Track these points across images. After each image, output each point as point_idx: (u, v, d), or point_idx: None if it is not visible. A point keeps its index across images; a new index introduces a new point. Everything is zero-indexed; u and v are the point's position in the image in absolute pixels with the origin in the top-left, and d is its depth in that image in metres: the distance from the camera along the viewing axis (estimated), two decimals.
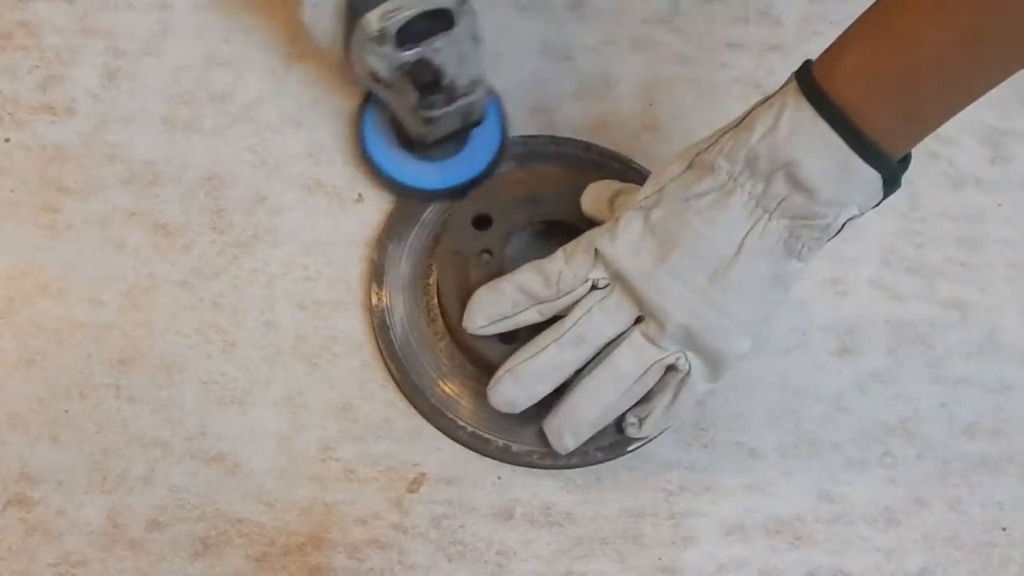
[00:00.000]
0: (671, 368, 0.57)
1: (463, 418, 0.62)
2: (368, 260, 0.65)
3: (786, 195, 0.51)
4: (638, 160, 0.68)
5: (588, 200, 0.62)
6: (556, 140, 0.69)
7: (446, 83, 0.60)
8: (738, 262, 0.53)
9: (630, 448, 0.61)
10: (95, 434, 0.61)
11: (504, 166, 0.67)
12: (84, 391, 0.61)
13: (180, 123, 0.68)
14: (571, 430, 0.58)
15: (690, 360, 0.56)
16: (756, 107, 0.53)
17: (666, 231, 0.54)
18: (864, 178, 0.51)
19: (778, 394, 0.65)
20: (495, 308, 0.59)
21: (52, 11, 0.70)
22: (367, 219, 0.66)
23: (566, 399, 0.58)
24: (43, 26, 0.69)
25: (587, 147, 0.69)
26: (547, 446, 0.60)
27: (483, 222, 0.63)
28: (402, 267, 0.65)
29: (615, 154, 0.69)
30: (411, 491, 0.61)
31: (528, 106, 0.70)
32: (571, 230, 0.61)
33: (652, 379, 0.57)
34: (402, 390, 0.63)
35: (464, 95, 0.61)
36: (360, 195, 0.67)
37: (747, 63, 0.73)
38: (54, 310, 0.63)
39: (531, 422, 0.60)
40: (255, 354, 0.63)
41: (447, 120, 0.62)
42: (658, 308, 0.55)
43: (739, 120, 0.53)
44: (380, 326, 0.63)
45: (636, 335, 0.56)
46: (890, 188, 0.52)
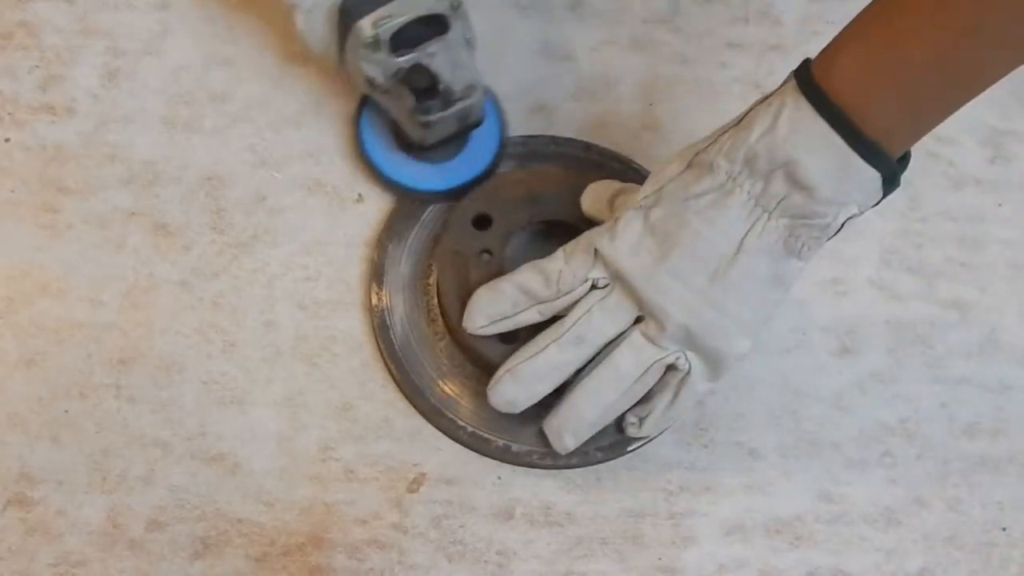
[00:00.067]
0: (671, 368, 0.57)
1: (463, 418, 0.62)
2: (368, 260, 0.65)
3: (785, 194, 0.51)
4: (638, 160, 0.68)
5: (588, 200, 0.62)
6: (556, 140, 0.69)
7: (442, 87, 0.61)
8: (738, 262, 0.53)
9: (630, 448, 0.61)
10: (95, 434, 0.61)
11: (504, 166, 0.67)
12: (84, 391, 0.61)
13: (180, 123, 0.68)
14: (571, 430, 0.58)
15: (690, 360, 0.56)
16: (755, 106, 0.53)
17: (666, 231, 0.54)
18: (863, 177, 0.51)
19: (778, 394, 0.65)
20: (495, 308, 0.59)
21: (52, 11, 0.70)
22: (367, 219, 0.66)
23: (566, 399, 0.58)
24: (43, 26, 0.69)
25: (587, 147, 0.69)
26: (547, 446, 0.60)
27: (483, 222, 0.63)
28: (402, 267, 0.65)
29: (615, 154, 0.68)
30: (411, 491, 0.61)
31: (528, 106, 0.70)
32: (571, 230, 0.61)
33: (652, 379, 0.57)
34: (402, 390, 0.63)
35: (461, 99, 0.62)
36: (360, 195, 0.67)
37: (747, 63, 0.73)
38: (54, 310, 0.63)
39: (531, 422, 0.60)
40: (255, 354, 0.63)
41: (444, 124, 0.62)
42: (658, 308, 0.55)
43: (738, 119, 0.53)
44: (380, 326, 0.63)
45: (636, 335, 0.56)
46: (889, 187, 0.52)
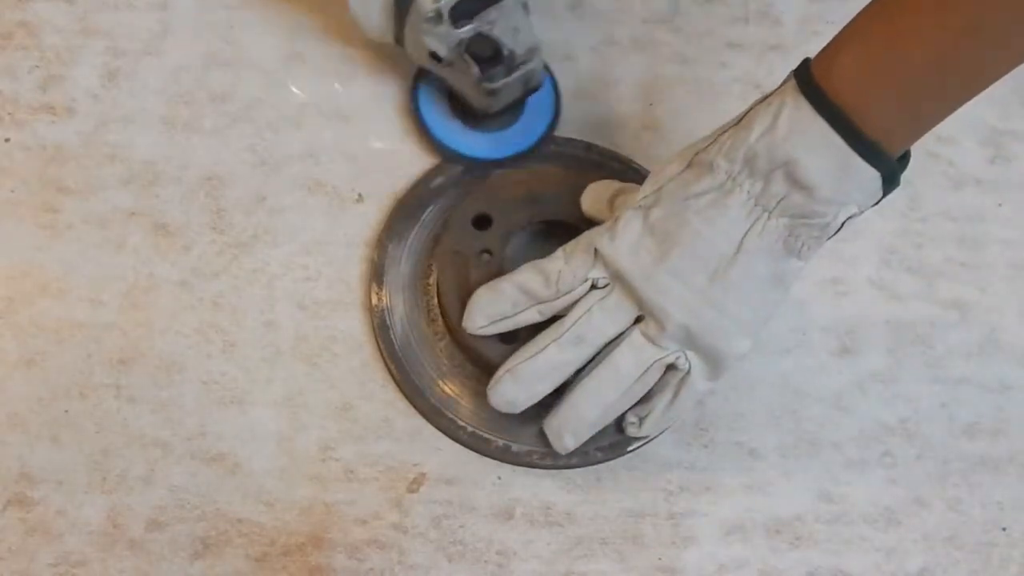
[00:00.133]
0: (671, 367, 0.57)
1: (463, 418, 0.62)
2: (368, 260, 0.65)
3: (785, 194, 0.51)
4: (638, 160, 0.68)
5: (588, 200, 0.62)
6: (556, 140, 0.69)
7: (505, 54, 0.62)
8: (738, 261, 0.53)
9: (630, 448, 0.61)
10: (95, 434, 0.60)
11: (504, 166, 0.67)
12: (84, 391, 0.61)
13: (180, 123, 0.68)
14: (571, 430, 0.58)
15: (690, 359, 0.56)
16: (755, 106, 0.53)
17: (665, 231, 0.54)
18: (863, 176, 0.51)
19: (778, 394, 0.65)
20: (495, 308, 0.59)
21: (52, 11, 0.70)
22: (367, 219, 0.66)
23: (566, 399, 0.58)
24: (43, 26, 0.69)
25: (587, 147, 0.69)
26: (547, 446, 0.60)
27: (483, 222, 0.63)
28: (402, 267, 0.65)
29: (615, 154, 0.69)
30: (411, 491, 0.61)
31: None
32: (571, 230, 0.61)
33: (652, 379, 0.57)
34: (402, 390, 0.63)
35: (523, 63, 0.63)
36: (360, 195, 0.67)
37: (747, 63, 0.73)
38: (54, 310, 0.63)
39: (531, 422, 0.60)
40: (255, 354, 0.63)
41: (509, 89, 0.64)
42: (658, 308, 0.55)
43: (738, 119, 0.53)
44: (380, 326, 0.63)
45: (636, 335, 0.56)
46: (889, 186, 0.52)
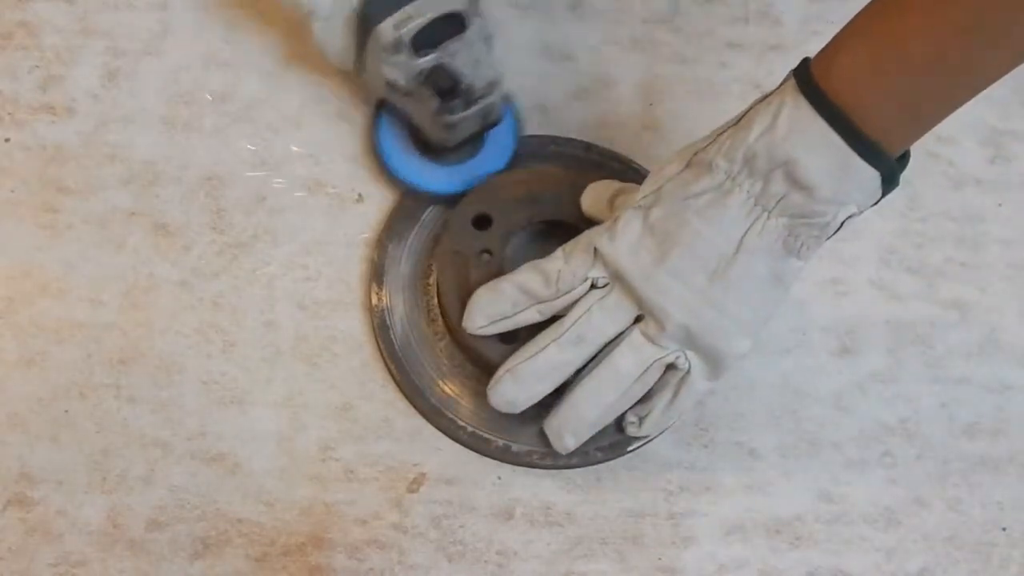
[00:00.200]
0: (671, 367, 0.57)
1: (463, 418, 0.62)
2: (368, 260, 0.65)
3: (785, 193, 0.51)
4: (638, 160, 0.68)
5: (588, 200, 0.62)
6: (556, 140, 0.69)
7: (464, 87, 0.61)
8: (737, 261, 0.53)
9: (630, 448, 0.61)
10: (95, 434, 0.60)
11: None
12: (84, 391, 0.61)
13: (180, 123, 0.68)
14: (571, 430, 0.58)
15: (690, 359, 0.56)
16: (754, 106, 0.53)
17: (665, 230, 0.54)
18: (863, 176, 0.50)
19: (778, 394, 0.65)
20: (495, 308, 0.59)
21: (52, 11, 0.70)
22: (367, 219, 0.66)
23: (566, 399, 0.58)
24: (43, 26, 0.69)
25: (587, 147, 0.69)
26: (547, 446, 0.60)
27: (483, 222, 0.63)
28: (402, 267, 0.65)
29: (615, 154, 0.68)
30: (411, 491, 0.61)
31: (528, 106, 0.70)
32: (571, 230, 0.60)
33: (652, 378, 0.57)
34: (402, 390, 0.62)
35: (482, 97, 0.61)
36: (360, 195, 0.67)
37: (747, 63, 0.73)
38: (54, 310, 0.63)
39: (531, 422, 0.60)
40: (255, 354, 0.63)
41: (467, 123, 0.62)
42: (658, 307, 0.55)
43: (737, 119, 0.53)
44: (380, 326, 0.63)
45: (636, 334, 0.56)
46: (889, 186, 0.52)
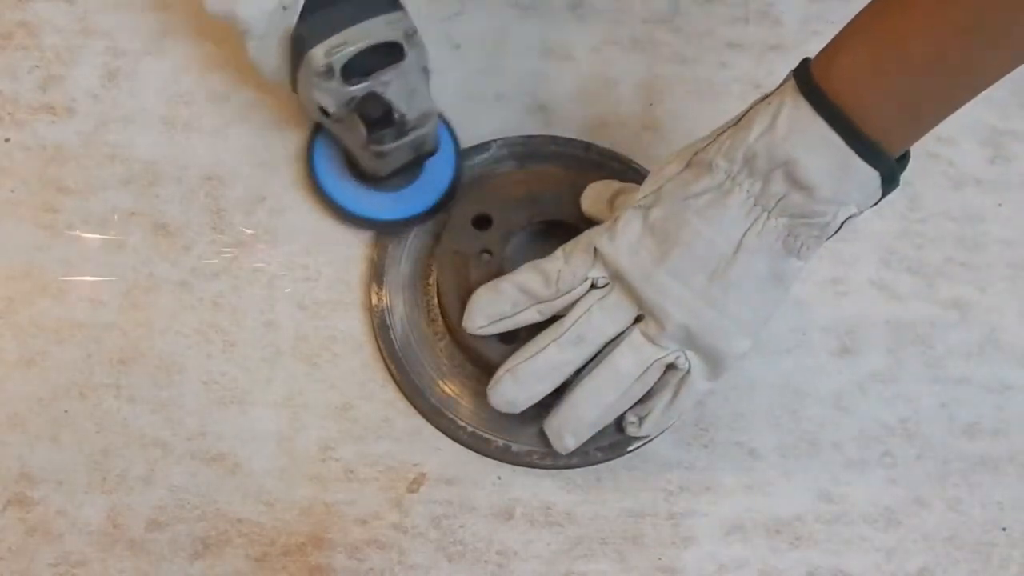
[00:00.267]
0: (671, 367, 0.57)
1: (463, 418, 0.62)
2: (368, 260, 0.65)
3: (785, 193, 0.51)
4: (638, 160, 0.68)
5: (588, 200, 0.62)
6: (556, 140, 0.69)
7: (396, 117, 0.59)
8: (737, 261, 0.53)
9: (630, 448, 0.61)
10: (95, 434, 0.60)
11: (504, 166, 0.67)
12: (84, 391, 0.61)
13: (180, 123, 0.68)
14: (571, 430, 0.58)
15: (690, 359, 0.56)
16: (754, 106, 0.53)
17: (665, 230, 0.54)
18: (863, 176, 0.50)
19: (778, 394, 0.65)
20: (495, 308, 0.59)
21: (52, 11, 0.70)
22: None
23: (566, 399, 0.58)
24: (43, 26, 0.69)
25: (587, 147, 0.69)
26: (547, 446, 0.60)
27: (483, 222, 0.63)
28: (402, 267, 0.65)
29: (615, 154, 0.68)
30: (411, 491, 0.61)
31: (528, 106, 0.70)
32: (571, 230, 0.61)
33: (652, 378, 0.57)
34: (402, 390, 0.62)
35: (415, 128, 0.59)
36: None
37: (747, 63, 0.73)
38: (54, 310, 0.63)
39: (531, 422, 0.60)
40: (255, 354, 0.63)
41: (398, 153, 0.60)
42: (657, 307, 0.55)
43: (737, 119, 0.53)
44: (380, 326, 0.63)
45: (636, 334, 0.56)
46: (889, 186, 0.52)
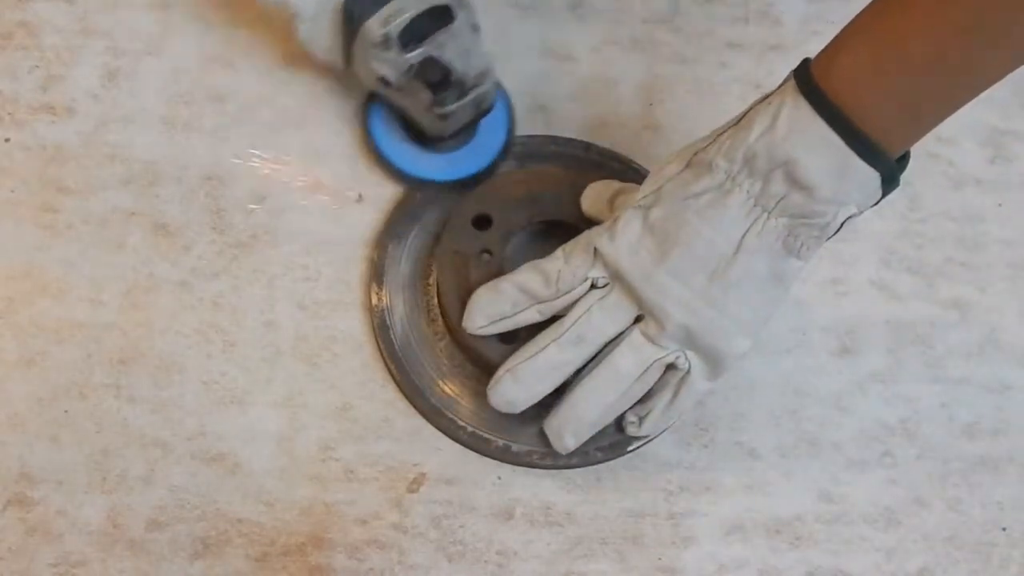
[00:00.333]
0: (671, 367, 0.57)
1: (463, 418, 0.62)
2: (368, 260, 0.65)
3: (785, 194, 0.51)
4: (638, 160, 0.68)
5: (588, 200, 0.62)
6: (556, 140, 0.69)
7: (455, 77, 0.61)
8: (737, 261, 0.53)
9: (630, 448, 0.61)
10: (95, 434, 0.60)
11: (504, 166, 0.67)
12: (84, 391, 0.61)
13: (180, 123, 0.68)
14: (571, 430, 0.58)
15: (690, 359, 0.56)
16: (754, 106, 0.53)
17: (665, 230, 0.54)
18: (862, 176, 0.50)
19: (778, 394, 0.65)
20: (495, 308, 0.59)
21: (52, 11, 0.70)
22: (367, 219, 0.66)
23: (566, 399, 0.58)
24: (43, 26, 0.69)
25: (587, 147, 0.69)
26: (547, 446, 0.60)
27: (483, 222, 0.63)
28: (402, 267, 0.65)
29: (615, 154, 0.68)
30: (411, 491, 0.61)
31: (528, 106, 0.70)
32: (571, 230, 0.60)
33: (652, 378, 0.57)
34: (402, 390, 0.63)
35: (475, 86, 0.62)
36: (360, 195, 0.67)
37: (747, 63, 0.73)
38: (54, 310, 0.63)
39: (531, 422, 0.60)
40: (255, 354, 0.63)
41: (461, 113, 0.63)
42: (657, 307, 0.55)
43: (737, 119, 0.53)
44: (380, 326, 0.63)
45: (636, 334, 0.56)
46: (889, 186, 0.52)
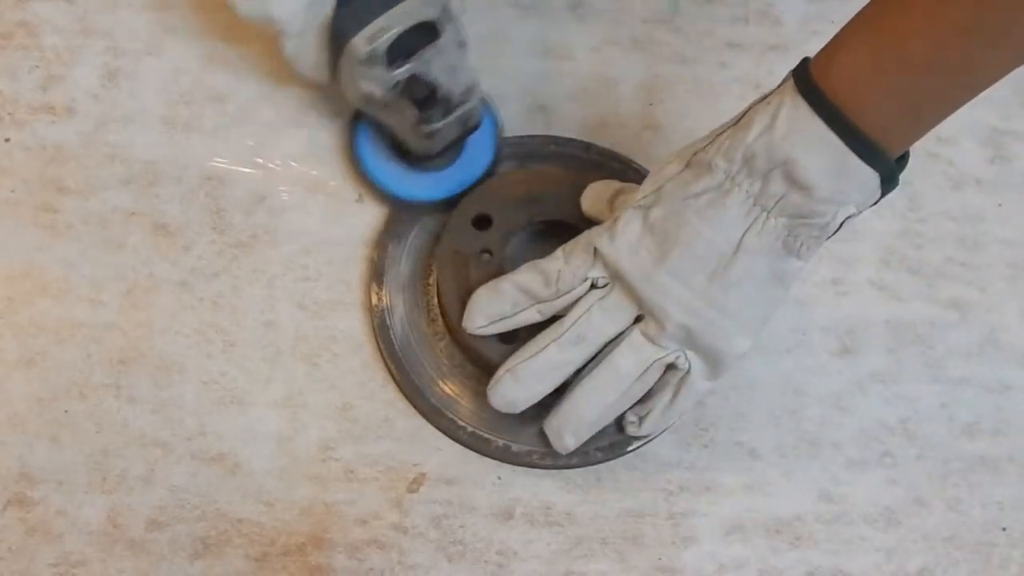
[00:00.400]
0: (671, 367, 0.57)
1: (463, 418, 0.62)
2: (368, 260, 0.65)
3: (784, 193, 0.51)
4: (638, 160, 0.68)
5: (588, 200, 0.62)
6: (556, 140, 0.69)
7: (442, 95, 0.60)
8: (737, 261, 0.53)
9: (630, 448, 0.61)
10: (95, 434, 0.60)
11: (504, 166, 0.67)
12: (84, 391, 0.61)
13: (180, 123, 0.68)
14: (571, 430, 0.58)
15: (690, 359, 0.56)
16: (753, 106, 0.53)
17: (665, 230, 0.54)
18: (862, 176, 0.50)
19: (778, 394, 0.65)
20: (495, 308, 0.59)
21: (52, 11, 0.70)
22: (367, 219, 0.66)
23: (566, 399, 0.58)
24: (43, 26, 0.69)
25: (587, 147, 0.69)
26: (547, 446, 0.60)
27: (483, 222, 0.63)
28: (402, 267, 0.65)
29: (615, 154, 0.68)
30: (411, 491, 0.61)
31: (528, 106, 0.70)
32: (571, 230, 0.60)
33: (652, 378, 0.57)
34: (402, 390, 0.63)
35: (461, 103, 0.61)
36: (360, 195, 0.67)
37: (747, 63, 0.73)
38: (54, 310, 0.63)
39: (531, 422, 0.60)
40: (255, 354, 0.63)
41: (448, 130, 0.62)
42: (657, 307, 0.55)
43: (736, 119, 0.53)
44: (380, 326, 0.63)
45: (636, 334, 0.56)
46: (888, 186, 0.52)
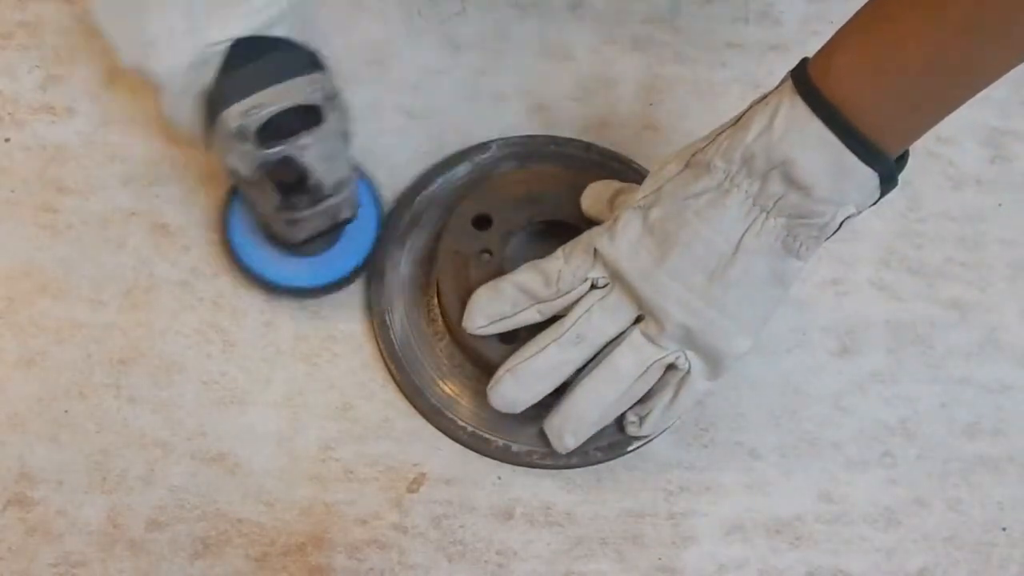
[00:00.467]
0: (671, 367, 0.57)
1: (463, 418, 0.62)
2: (368, 260, 0.65)
3: (783, 194, 0.51)
4: (638, 160, 0.68)
5: (588, 200, 0.62)
6: (556, 140, 0.69)
7: (312, 183, 0.55)
8: (736, 261, 0.53)
9: (630, 448, 0.61)
10: (95, 434, 0.61)
11: (504, 166, 0.67)
12: (84, 391, 0.61)
13: None
14: (572, 430, 0.58)
15: (690, 359, 0.56)
16: (752, 106, 0.53)
17: (664, 231, 0.54)
18: (861, 176, 0.50)
19: (778, 394, 0.65)
20: (495, 308, 0.59)
21: (52, 11, 0.70)
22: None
23: (566, 399, 0.58)
24: (43, 26, 0.69)
25: (587, 147, 0.69)
26: (547, 446, 0.60)
27: (483, 222, 0.63)
28: (402, 267, 0.65)
29: (615, 154, 0.69)
30: (411, 491, 0.61)
31: (528, 106, 0.70)
32: (571, 230, 0.61)
33: (652, 378, 0.57)
34: (402, 390, 0.63)
35: (330, 195, 0.57)
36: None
37: (747, 63, 0.73)
38: (54, 310, 0.63)
39: (531, 422, 0.60)
40: (255, 354, 0.63)
41: (312, 221, 0.58)
42: (657, 308, 0.55)
43: (736, 119, 0.53)
44: (380, 326, 0.63)
45: (636, 334, 0.56)
46: (887, 186, 0.52)
